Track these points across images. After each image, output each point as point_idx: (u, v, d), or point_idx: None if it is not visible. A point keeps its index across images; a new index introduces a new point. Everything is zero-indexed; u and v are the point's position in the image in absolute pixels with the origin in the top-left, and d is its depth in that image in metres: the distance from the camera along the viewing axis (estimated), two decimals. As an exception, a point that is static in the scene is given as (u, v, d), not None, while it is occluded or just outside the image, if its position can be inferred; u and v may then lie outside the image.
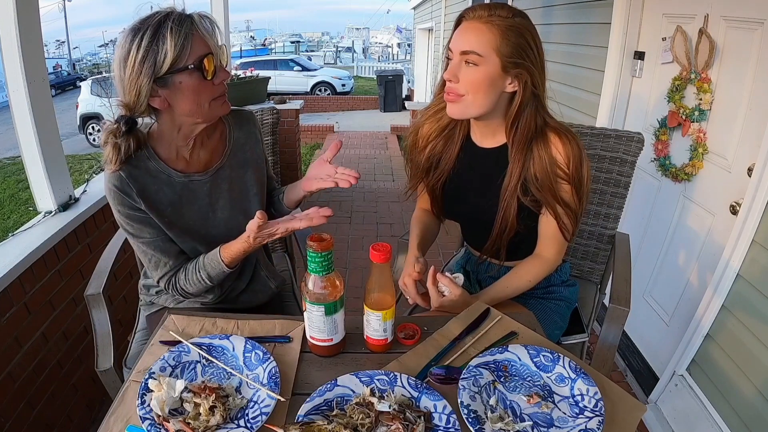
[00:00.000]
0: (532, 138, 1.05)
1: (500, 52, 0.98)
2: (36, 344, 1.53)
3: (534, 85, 1.02)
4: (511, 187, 1.08)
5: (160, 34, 0.90)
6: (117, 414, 0.77)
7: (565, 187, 1.07)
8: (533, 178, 1.06)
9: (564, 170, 1.05)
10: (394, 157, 6.05)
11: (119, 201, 1.01)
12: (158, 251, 1.06)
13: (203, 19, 0.95)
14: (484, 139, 1.15)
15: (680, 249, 1.93)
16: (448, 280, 1.07)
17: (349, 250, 3.18)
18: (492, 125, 1.11)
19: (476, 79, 1.00)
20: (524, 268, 1.17)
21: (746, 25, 1.56)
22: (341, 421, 0.73)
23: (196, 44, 0.92)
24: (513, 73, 1.01)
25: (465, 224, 1.32)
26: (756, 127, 1.51)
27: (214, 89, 0.99)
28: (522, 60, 0.99)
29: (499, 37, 0.98)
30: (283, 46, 31.69)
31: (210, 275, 1.06)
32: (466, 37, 1.00)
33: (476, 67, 1.00)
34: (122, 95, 0.95)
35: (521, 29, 0.99)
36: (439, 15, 8.18)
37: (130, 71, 0.91)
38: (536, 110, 1.04)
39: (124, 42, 0.92)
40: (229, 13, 3.75)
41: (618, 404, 0.79)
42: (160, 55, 0.90)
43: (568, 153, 1.04)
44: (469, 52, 0.99)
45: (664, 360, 1.82)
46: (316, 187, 1.10)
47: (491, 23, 0.98)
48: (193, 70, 0.94)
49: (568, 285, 1.29)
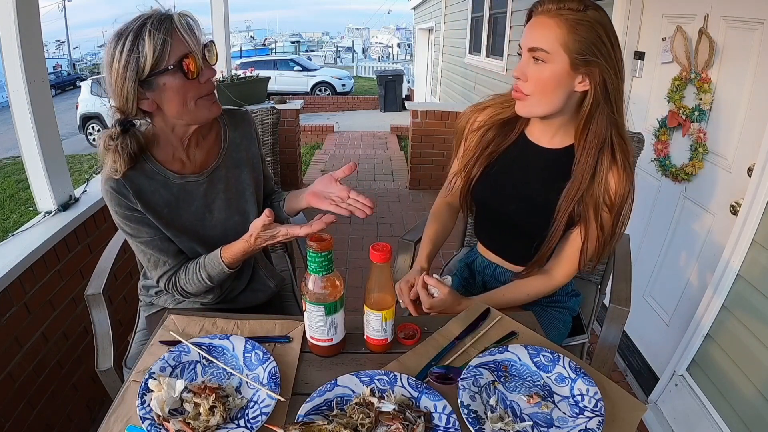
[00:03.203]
0: (604, 145, 0.99)
1: (569, 48, 0.92)
2: (36, 344, 1.53)
3: (607, 85, 0.95)
4: (575, 194, 1.02)
5: (140, 37, 0.90)
6: (117, 414, 0.77)
7: (605, 215, 1.04)
8: (588, 190, 1.02)
9: (611, 197, 1.01)
10: (394, 157, 6.05)
11: (116, 202, 1.01)
12: (157, 250, 1.06)
13: (183, 18, 0.94)
14: (543, 137, 1.09)
15: (680, 249, 1.93)
16: (435, 281, 1.07)
17: (349, 250, 3.18)
18: (555, 124, 1.05)
19: (543, 77, 0.95)
20: (527, 281, 1.14)
21: (746, 25, 1.56)
22: (341, 421, 0.73)
23: (176, 45, 0.92)
24: (583, 71, 0.94)
25: (487, 219, 1.25)
26: (756, 127, 1.51)
27: (200, 88, 0.98)
28: (593, 57, 0.92)
29: (567, 32, 0.91)
30: (283, 46, 31.70)
31: (210, 275, 1.06)
32: (533, 33, 0.95)
33: (544, 64, 0.94)
34: (113, 100, 0.96)
35: (593, 23, 0.91)
36: (439, 15, 8.18)
37: (115, 76, 0.92)
38: (609, 114, 0.97)
39: (109, 47, 0.92)
40: (229, 13, 3.76)
41: (618, 404, 0.79)
42: (141, 59, 0.90)
43: (620, 183, 1.00)
44: (536, 49, 0.94)
45: (664, 360, 1.82)
46: (326, 208, 1.06)
47: (560, 17, 0.91)
48: (175, 70, 0.93)
49: (572, 295, 1.27)
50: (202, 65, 0.96)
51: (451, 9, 7.54)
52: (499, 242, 1.24)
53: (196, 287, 1.08)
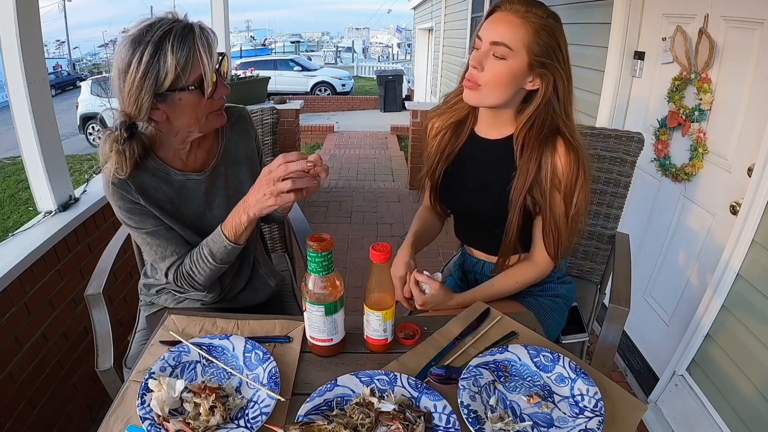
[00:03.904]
0: (544, 139, 1.05)
1: (530, 50, 0.97)
2: (36, 344, 1.53)
3: (557, 88, 1.01)
4: (522, 186, 1.07)
5: (162, 50, 0.88)
6: (117, 414, 0.77)
7: (557, 197, 1.07)
8: (537, 179, 1.06)
9: (559, 178, 1.05)
10: (394, 157, 6.05)
11: (118, 196, 1.01)
12: (164, 240, 1.06)
13: (204, 33, 0.93)
14: (489, 130, 1.15)
15: (680, 249, 1.94)
16: (425, 277, 1.09)
17: (349, 250, 3.19)
18: (501, 117, 1.10)
19: (500, 72, 1.00)
20: (514, 270, 1.16)
21: (746, 25, 1.56)
22: (341, 421, 0.73)
23: (197, 63, 0.91)
24: (537, 72, 1.00)
25: (459, 216, 1.31)
26: (756, 127, 1.51)
27: (213, 104, 0.99)
28: (550, 61, 0.99)
29: (532, 34, 0.97)
30: (283, 46, 31.70)
31: (212, 252, 1.03)
32: (499, 28, 0.99)
33: (503, 61, 0.99)
34: (123, 106, 0.94)
35: (554, 30, 0.99)
36: (439, 15, 8.19)
37: (130, 86, 0.90)
38: (553, 113, 1.03)
39: (124, 53, 0.90)
40: (229, 13, 3.75)
41: (618, 404, 0.79)
42: (161, 73, 0.89)
43: (566, 163, 1.04)
44: (499, 43, 0.98)
45: (664, 360, 1.82)
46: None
47: (527, 19, 0.97)
48: (194, 89, 0.93)
49: (564, 282, 1.28)
50: (218, 83, 0.97)
51: (451, 9, 7.55)
52: (476, 237, 1.28)
53: (202, 269, 1.05)
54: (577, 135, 1.06)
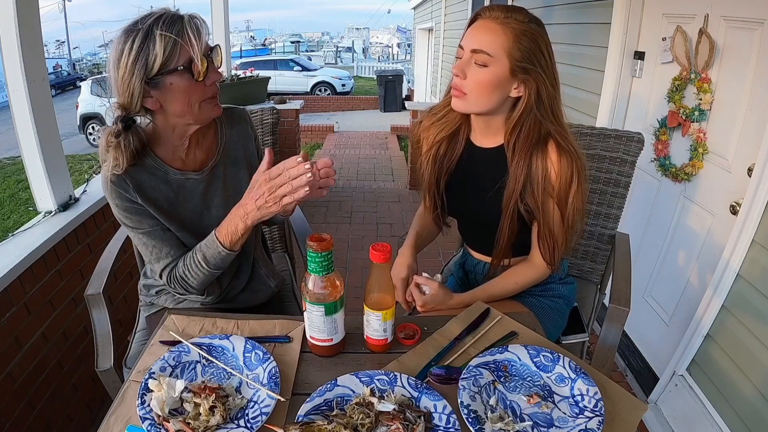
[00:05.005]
0: (534, 145, 1.04)
1: (511, 56, 0.98)
2: (36, 344, 1.53)
3: (540, 93, 1.01)
4: (512, 193, 1.07)
5: (151, 36, 0.91)
6: (117, 414, 0.77)
7: (550, 203, 1.07)
8: (530, 186, 1.06)
9: (552, 185, 1.05)
10: (394, 157, 6.05)
11: (116, 195, 1.01)
12: (159, 240, 1.06)
13: (193, 20, 0.95)
14: (484, 139, 1.15)
15: (680, 249, 1.93)
16: (425, 278, 1.10)
17: (349, 250, 3.19)
18: (493, 125, 1.11)
19: (482, 79, 1.00)
20: (514, 270, 1.17)
21: (746, 25, 1.56)
22: (341, 421, 0.73)
23: (185, 46, 0.93)
24: (521, 78, 1.00)
25: (463, 223, 1.32)
26: (756, 127, 1.51)
27: (205, 90, 0.99)
28: (532, 66, 0.99)
29: (512, 40, 0.97)
30: (283, 46, 31.67)
31: (206, 257, 1.03)
32: (479, 35, 1.00)
33: (484, 68, 0.99)
34: (117, 96, 0.96)
35: (536, 35, 0.98)
36: (439, 15, 8.18)
37: (122, 72, 0.92)
38: (541, 118, 1.03)
39: (117, 44, 0.93)
40: (229, 13, 3.75)
41: (618, 404, 0.79)
42: (151, 57, 0.91)
43: (559, 168, 1.03)
44: (479, 51, 0.98)
45: (664, 360, 1.82)
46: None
47: (506, 25, 0.97)
48: (183, 71, 0.94)
49: (565, 283, 1.28)
50: (209, 68, 0.97)
51: (451, 9, 7.54)
52: (479, 240, 1.29)
53: (195, 274, 1.05)
54: (570, 138, 1.05)
